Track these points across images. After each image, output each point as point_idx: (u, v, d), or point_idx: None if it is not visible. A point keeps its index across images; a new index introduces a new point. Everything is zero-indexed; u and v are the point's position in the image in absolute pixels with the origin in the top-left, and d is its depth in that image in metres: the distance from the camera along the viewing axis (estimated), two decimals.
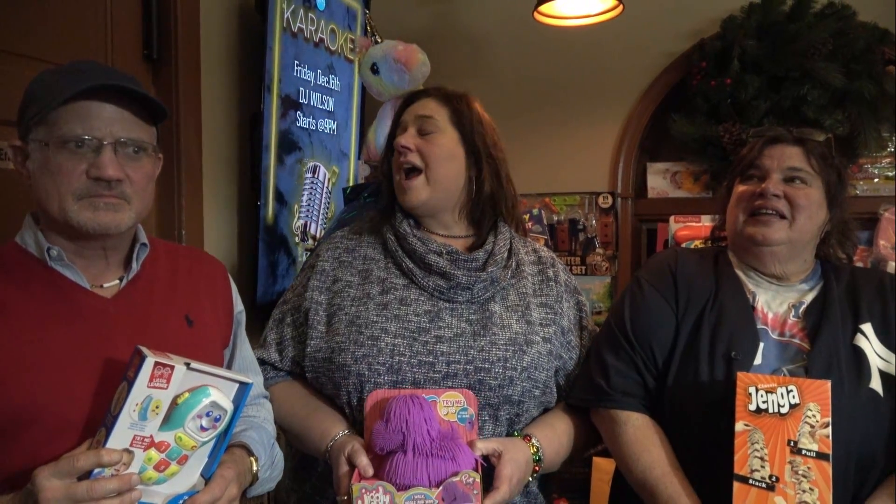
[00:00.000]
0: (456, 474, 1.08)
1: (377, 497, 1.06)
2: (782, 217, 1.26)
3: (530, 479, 1.22)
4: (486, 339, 1.24)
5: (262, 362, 1.34)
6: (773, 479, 1.06)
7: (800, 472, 1.06)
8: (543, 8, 2.20)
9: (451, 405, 1.17)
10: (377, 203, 1.52)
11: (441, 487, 1.07)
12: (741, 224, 1.30)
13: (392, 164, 1.34)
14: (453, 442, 1.11)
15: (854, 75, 2.21)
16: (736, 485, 1.07)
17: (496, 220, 1.37)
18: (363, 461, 1.12)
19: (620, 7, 2.18)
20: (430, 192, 1.30)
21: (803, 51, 2.22)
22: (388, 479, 1.08)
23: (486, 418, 1.23)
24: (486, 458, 1.15)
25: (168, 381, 0.89)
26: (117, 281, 1.08)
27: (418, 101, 1.35)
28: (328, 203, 2.44)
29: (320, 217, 2.40)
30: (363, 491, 1.06)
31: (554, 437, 1.27)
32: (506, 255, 1.33)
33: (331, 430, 1.21)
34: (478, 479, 1.08)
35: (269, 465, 1.14)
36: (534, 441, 1.23)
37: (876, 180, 2.36)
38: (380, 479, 1.09)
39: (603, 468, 2.34)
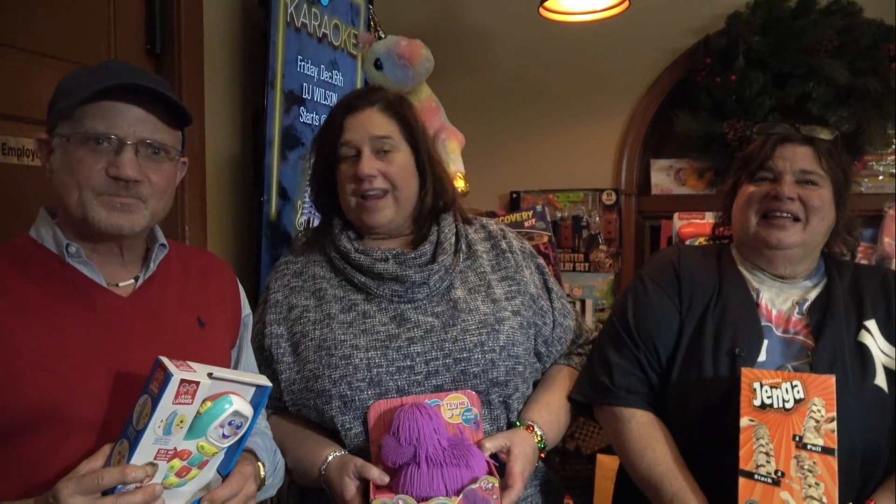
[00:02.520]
0: (474, 480, 1.08)
1: None
2: (796, 220, 1.25)
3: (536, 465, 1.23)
4: (458, 328, 1.22)
5: None
6: (779, 473, 1.06)
7: (805, 467, 1.06)
8: (548, 4, 2.19)
9: (454, 407, 1.17)
10: None
11: (461, 496, 1.06)
12: (754, 226, 1.28)
13: (340, 181, 1.28)
14: (464, 447, 1.11)
15: (859, 72, 2.21)
16: (741, 480, 1.07)
17: (436, 212, 1.35)
18: (375, 472, 1.10)
19: (626, 3, 2.17)
20: (396, 210, 1.28)
21: (808, 47, 2.22)
22: (403, 492, 1.07)
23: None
24: (494, 455, 1.15)
25: (193, 397, 0.89)
26: (132, 280, 1.08)
27: (363, 111, 1.28)
28: None
29: None
30: None
31: (553, 418, 1.27)
32: (453, 241, 1.31)
33: (321, 454, 1.17)
34: (496, 484, 1.09)
35: (273, 471, 1.14)
36: (536, 430, 1.23)
37: (881, 177, 2.36)
38: (394, 491, 1.08)
39: (607, 465, 2.34)
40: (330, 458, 1.16)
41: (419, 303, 1.25)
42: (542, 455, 1.23)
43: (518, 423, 1.25)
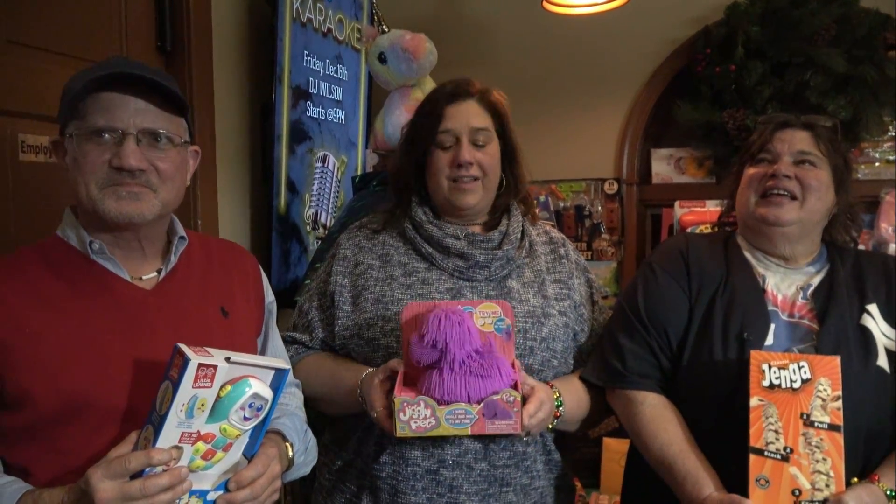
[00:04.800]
0: (496, 393, 1.10)
1: (418, 410, 1.09)
2: (793, 198, 1.29)
3: (549, 426, 1.26)
4: None
5: (294, 341, 1.40)
6: (788, 450, 1.10)
7: (813, 444, 1.10)
8: None
9: (487, 316, 1.19)
10: (386, 192, 1.54)
11: (482, 404, 1.09)
12: (753, 205, 1.32)
13: (434, 165, 1.34)
14: (492, 358, 1.13)
15: (856, 61, 2.24)
16: (752, 457, 1.11)
17: (508, 206, 1.43)
18: (394, 362, 1.17)
19: None
20: (483, 196, 1.35)
21: (806, 37, 2.25)
22: (426, 394, 1.10)
23: None
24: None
25: (212, 381, 0.92)
26: (155, 273, 1.11)
27: (464, 102, 1.34)
28: (337, 192, 2.47)
29: (330, 206, 2.43)
30: (405, 404, 1.09)
31: (574, 391, 1.33)
32: (519, 235, 1.38)
33: (361, 371, 1.26)
34: (518, 398, 1.11)
35: (304, 450, 1.18)
36: (555, 388, 1.27)
37: (877, 164, 2.40)
38: (417, 393, 1.11)
39: (614, 448, 2.38)
40: (365, 373, 1.24)
41: (476, 283, 1.33)
42: (557, 414, 1.26)
43: None
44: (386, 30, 2.35)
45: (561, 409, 1.26)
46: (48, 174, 1.56)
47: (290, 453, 1.12)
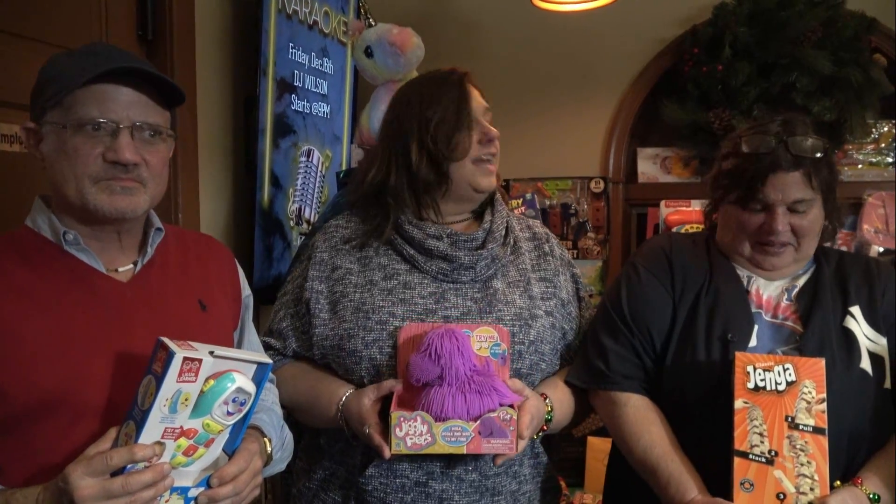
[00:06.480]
0: (493, 410, 1.10)
1: (415, 426, 1.08)
2: (789, 244, 1.28)
3: (535, 437, 1.25)
4: (493, 316, 1.26)
5: (269, 346, 1.36)
6: (773, 453, 1.10)
7: (797, 447, 1.10)
8: None
9: (484, 340, 1.20)
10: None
11: (478, 421, 1.09)
12: (748, 251, 1.31)
13: (457, 149, 1.26)
14: (489, 378, 1.13)
15: (842, 63, 2.25)
16: (736, 460, 1.10)
17: (493, 197, 1.39)
18: (391, 381, 1.15)
19: None
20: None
21: (793, 38, 2.26)
22: (423, 409, 1.10)
23: None
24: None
25: (196, 375, 0.90)
26: (131, 265, 1.08)
27: (472, 89, 1.32)
28: (322, 187, 2.44)
29: (314, 201, 2.40)
30: (401, 419, 1.08)
31: (565, 399, 1.31)
32: (504, 231, 1.35)
33: (340, 391, 1.23)
34: (514, 416, 1.11)
35: (280, 446, 1.16)
36: (548, 401, 1.26)
37: (860, 166, 2.41)
38: (415, 409, 1.10)
39: (598, 448, 2.39)
40: (349, 393, 1.22)
41: (461, 285, 1.29)
42: (545, 428, 1.25)
43: None
44: (373, 23, 2.33)
45: (549, 423, 1.26)
46: (21, 164, 1.52)
47: (269, 449, 1.11)
